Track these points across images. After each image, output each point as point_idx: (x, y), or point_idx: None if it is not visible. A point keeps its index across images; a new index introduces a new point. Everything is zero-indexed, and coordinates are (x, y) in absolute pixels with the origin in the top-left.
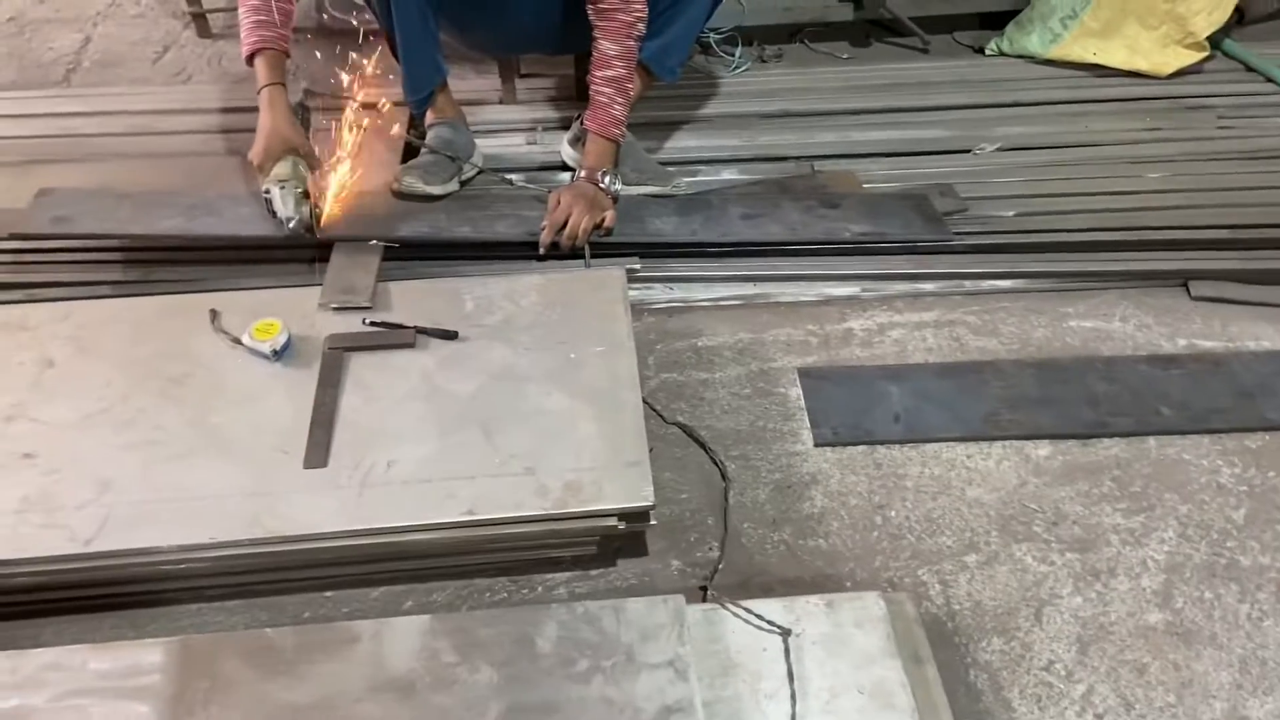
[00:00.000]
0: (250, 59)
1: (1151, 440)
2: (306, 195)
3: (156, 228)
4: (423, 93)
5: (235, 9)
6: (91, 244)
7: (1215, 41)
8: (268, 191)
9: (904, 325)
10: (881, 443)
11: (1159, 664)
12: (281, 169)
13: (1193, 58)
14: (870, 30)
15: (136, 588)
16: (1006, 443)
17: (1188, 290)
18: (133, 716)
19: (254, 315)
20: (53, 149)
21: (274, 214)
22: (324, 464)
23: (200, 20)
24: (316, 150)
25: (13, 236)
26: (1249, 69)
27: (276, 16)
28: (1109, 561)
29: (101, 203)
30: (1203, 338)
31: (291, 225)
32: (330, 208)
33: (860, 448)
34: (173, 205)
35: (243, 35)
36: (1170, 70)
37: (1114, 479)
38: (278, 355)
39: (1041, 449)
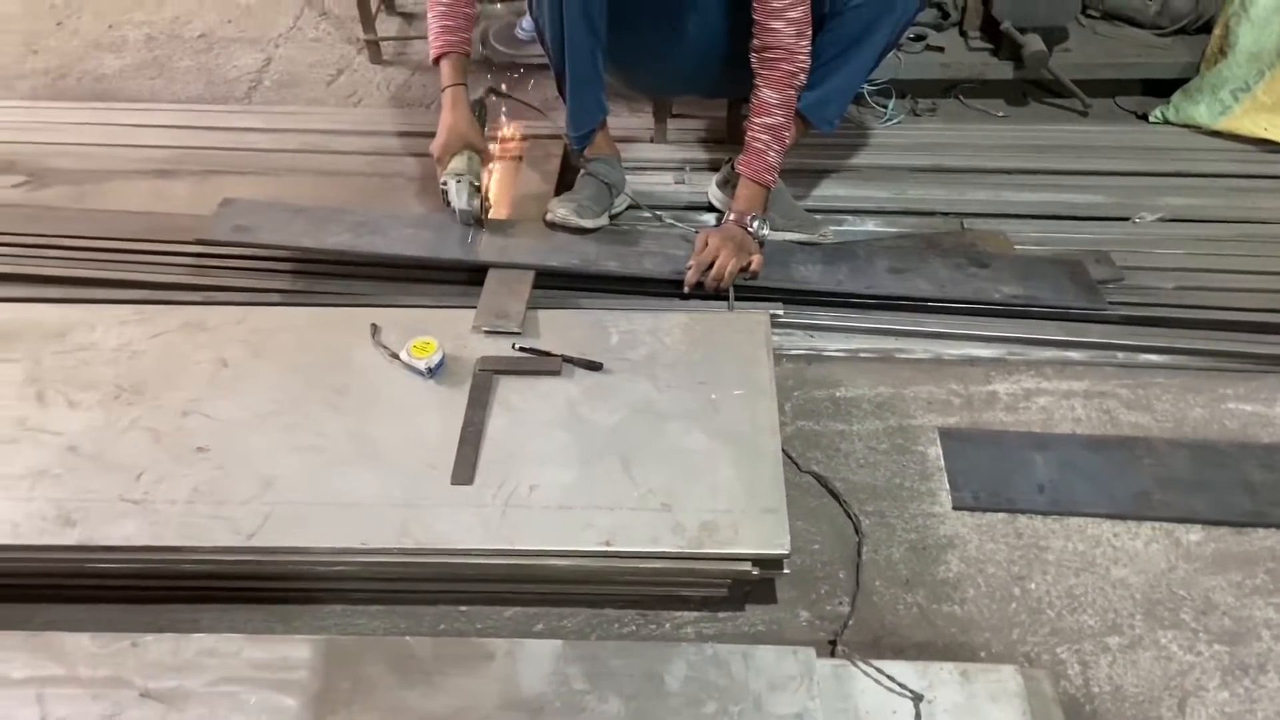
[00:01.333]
0: (436, 61)
1: None
2: (479, 189)
3: (326, 243)
4: (585, 129)
5: (405, 39)
6: (265, 253)
7: None
8: (445, 184)
9: (1051, 393)
10: (1023, 512)
11: None
12: (458, 163)
13: None
14: (1028, 89)
15: (288, 584)
16: (1156, 524)
17: None
18: (280, 708)
19: (411, 332)
20: (232, 161)
21: (449, 204)
22: (470, 482)
23: (373, 47)
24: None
25: (198, 242)
26: None
27: (460, 21)
28: (1259, 657)
29: (277, 215)
30: None
31: (465, 216)
32: (492, 215)
33: (1000, 515)
34: (341, 221)
35: (430, 38)
36: None
37: (1269, 571)
38: (432, 373)
39: (1193, 534)
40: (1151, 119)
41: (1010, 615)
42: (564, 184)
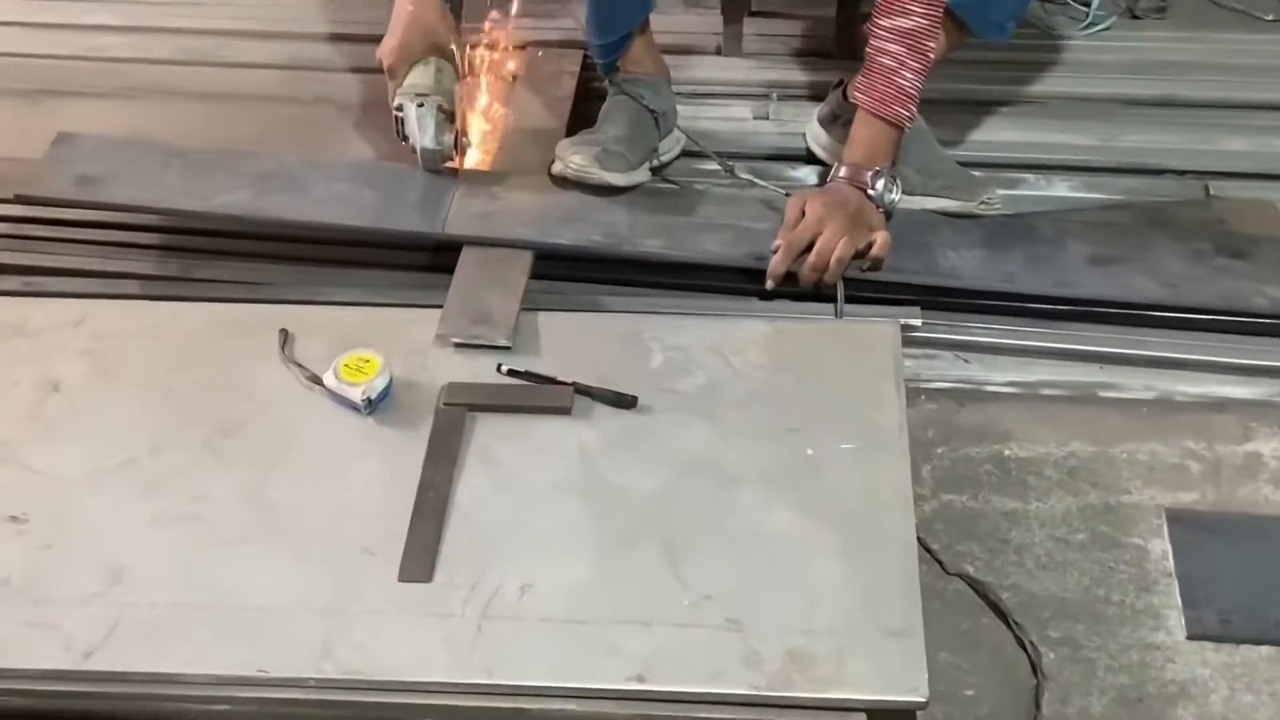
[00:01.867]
0: None
1: None
2: (451, 117)
3: (214, 203)
4: (616, 34)
5: None
6: (121, 218)
7: None
8: (400, 107)
9: None
10: None
11: None
12: (420, 76)
13: None
14: None
15: None
16: None
17: None
18: None
19: (342, 343)
20: (74, 76)
21: (405, 139)
22: (428, 577)
23: None
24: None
25: (19, 200)
26: None
27: None
28: None
29: (141, 160)
30: None
31: (429, 158)
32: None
33: (1264, 650)
34: (238, 172)
35: None
36: None
37: None
38: (371, 406)
39: None
40: None
41: None
42: (581, 118)
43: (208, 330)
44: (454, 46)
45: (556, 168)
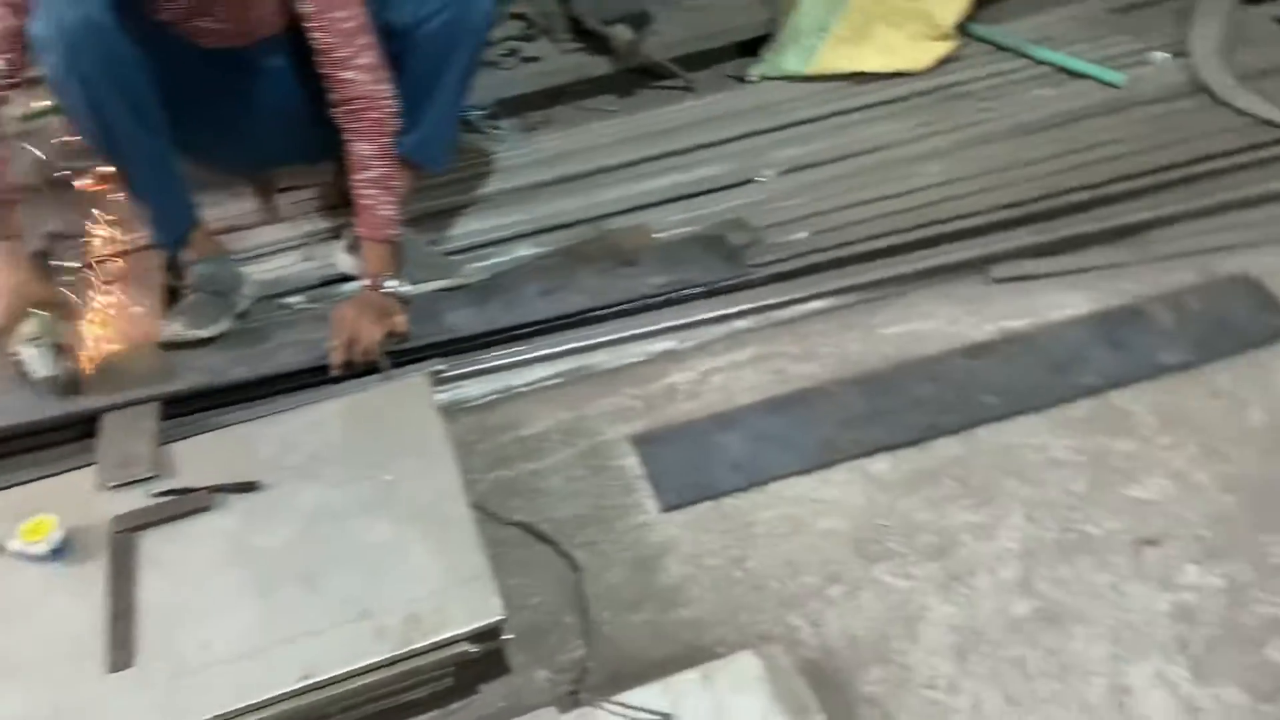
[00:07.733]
0: None
1: (981, 431)
2: (63, 349)
3: None
4: (174, 236)
5: None
6: None
7: (963, 28)
8: (17, 354)
9: (724, 369)
10: (726, 494)
11: (1036, 654)
12: (31, 327)
13: (945, 48)
14: (632, 79)
15: None
16: (847, 465)
17: (989, 275)
18: None
19: (19, 516)
20: None
21: (27, 376)
22: (130, 663)
23: None
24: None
25: None
26: (999, 48)
27: None
28: (967, 562)
29: None
30: (1011, 318)
31: (52, 385)
32: (90, 366)
33: (706, 504)
34: None
35: None
36: (926, 64)
37: (954, 477)
38: (56, 555)
39: (880, 463)
40: (749, 79)
41: (737, 600)
42: (175, 297)
43: None
44: (54, 294)
45: (163, 336)
